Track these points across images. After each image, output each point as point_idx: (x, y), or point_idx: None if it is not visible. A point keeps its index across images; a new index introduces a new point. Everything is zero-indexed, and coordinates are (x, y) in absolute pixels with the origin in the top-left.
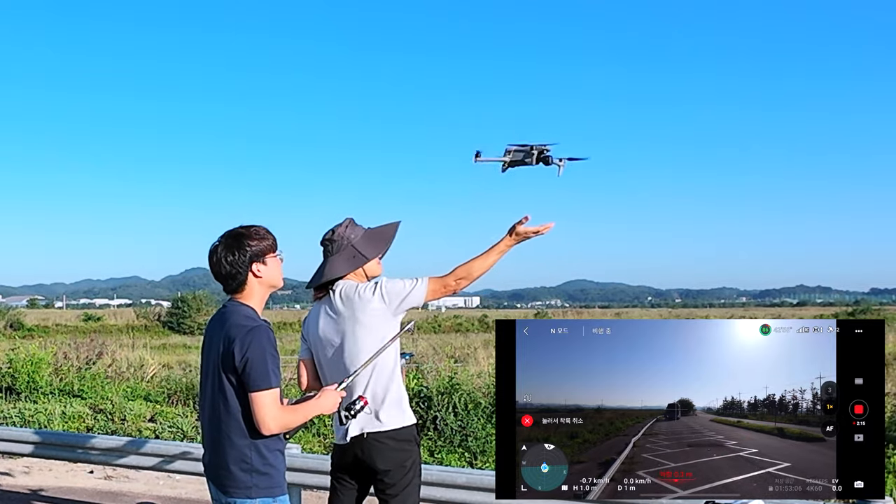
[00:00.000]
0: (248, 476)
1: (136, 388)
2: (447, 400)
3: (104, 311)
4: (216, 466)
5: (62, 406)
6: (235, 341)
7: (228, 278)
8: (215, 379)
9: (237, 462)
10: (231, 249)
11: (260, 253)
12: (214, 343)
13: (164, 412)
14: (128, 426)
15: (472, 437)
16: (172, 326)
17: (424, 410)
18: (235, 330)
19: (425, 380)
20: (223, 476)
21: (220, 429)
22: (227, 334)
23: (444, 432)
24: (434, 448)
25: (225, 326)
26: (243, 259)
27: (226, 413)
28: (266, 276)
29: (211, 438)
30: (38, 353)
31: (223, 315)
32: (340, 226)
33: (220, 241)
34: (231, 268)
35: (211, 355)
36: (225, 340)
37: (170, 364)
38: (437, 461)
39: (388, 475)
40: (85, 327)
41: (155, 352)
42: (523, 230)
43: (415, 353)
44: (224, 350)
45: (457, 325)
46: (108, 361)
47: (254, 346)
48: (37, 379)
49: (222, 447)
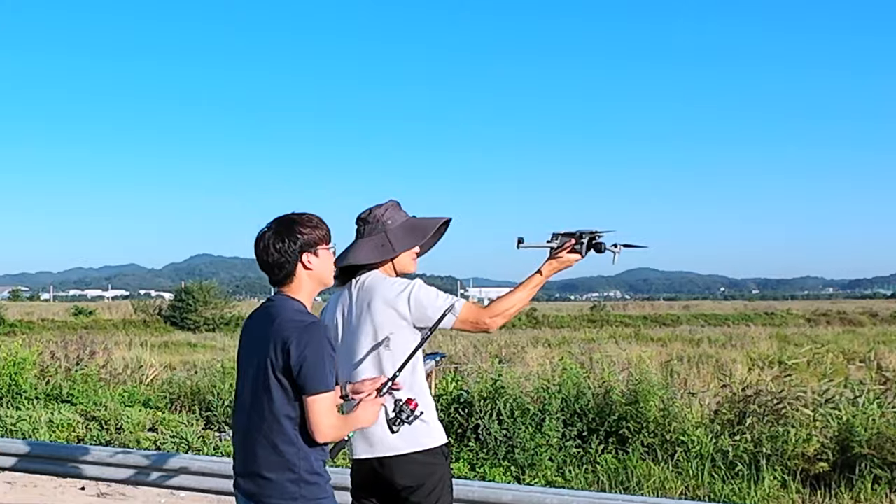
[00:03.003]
0: (295, 486)
1: (134, 393)
2: (490, 406)
3: (97, 304)
4: (254, 476)
5: (49, 413)
6: (291, 339)
7: (275, 267)
8: (261, 380)
9: (283, 471)
10: (280, 236)
11: (312, 243)
12: (260, 340)
13: (165, 420)
14: (124, 436)
15: (520, 448)
16: (175, 321)
17: (464, 418)
18: (289, 327)
19: (465, 383)
20: (263, 486)
21: (263, 435)
22: (280, 331)
23: (487, 443)
24: (475, 461)
25: (275, 322)
26: (293, 248)
27: (272, 418)
28: (317, 269)
29: (249, 446)
30: (22, 353)
31: (271, 310)
32: (380, 207)
33: (269, 226)
34: (279, 256)
35: (255, 354)
36: (277, 338)
37: (172, 365)
38: (480, 476)
39: (412, 493)
40: (75, 322)
41: (155, 351)
42: (568, 258)
43: (447, 354)
44: (276, 349)
45: None
46: (102, 362)
47: (311, 344)
48: (20, 382)
49: (264, 455)
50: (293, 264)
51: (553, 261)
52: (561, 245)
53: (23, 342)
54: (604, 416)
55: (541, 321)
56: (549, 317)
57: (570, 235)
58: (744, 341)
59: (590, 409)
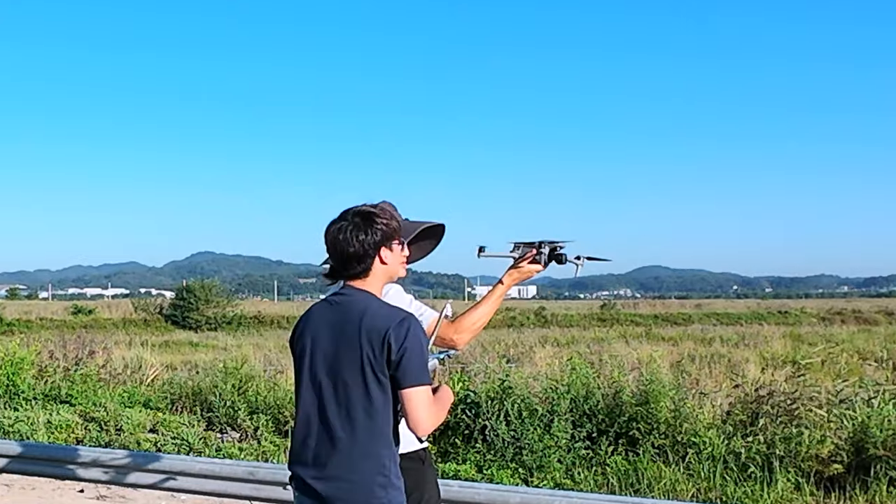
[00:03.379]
0: (384, 491)
1: (134, 393)
2: (498, 406)
3: (97, 303)
4: (336, 480)
5: (47, 414)
6: (389, 333)
7: (355, 260)
8: (354, 378)
9: (373, 475)
10: (362, 228)
11: (389, 236)
12: (345, 337)
13: (166, 421)
14: (124, 437)
15: (528, 449)
16: (176, 320)
17: (472, 419)
18: (384, 320)
19: (472, 383)
20: (347, 492)
21: (353, 436)
22: (375, 326)
23: (495, 444)
24: (482, 462)
25: (365, 317)
26: (375, 240)
27: (367, 418)
28: (391, 264)
29: (330, 446)
30: (20, 352)
31: (351, 304)
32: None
33: (345, 218)
34: (360, 248)
35: (342, 351)
36: (372, 333)
37: (174, 365)
38: (487, 478)
39: None
40: (74, 321)
41: (156, 350)
42: (529, 269)
43: (456, 353)
44: (372, 344)
45: (509, 319)
46: (102, 361)
47: (411, 336)
48: (18, 382)
49: (353, 457)
50: (372, 258)
51: (514, 271)
52: (522, 255)
53: (21, 342)
54: (614, 416)
55: (549, 320)
56: (558, 315)
57: (532, 245)
58: (757, 340)
59: (599, 410)
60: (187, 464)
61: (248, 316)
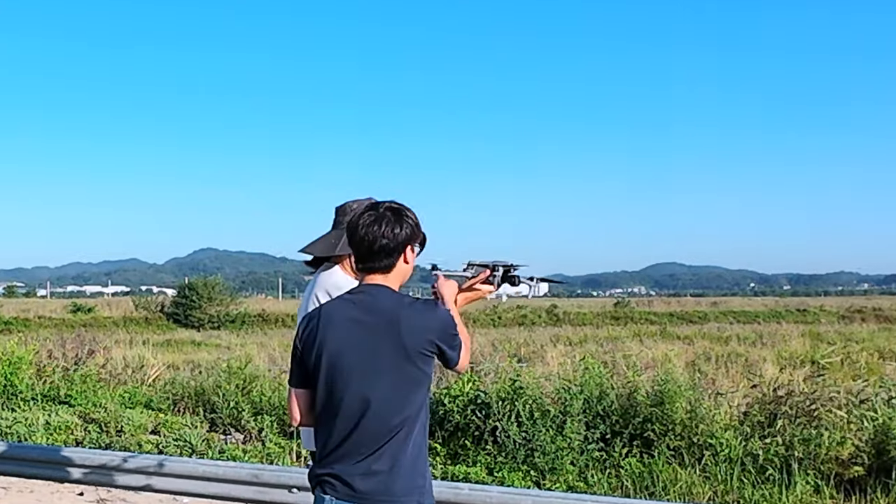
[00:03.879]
0: (424, 484)
1: (135, 394)
2: (509, 407)
3: (96, 301)
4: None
5: (46, 415)
6: (428, 321)
7: (385, 253)
8: (398, 373)
9: (417, 477)
10: (395, 223)
11: (414, 237)
12: (380, 333)
13: (168, 422)
14: (125, 439)
15: (540, 451)
16: (178, 319)
17: (482, 420)
18: (418, 310)
19: (483, 383)
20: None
21: (403, 440)
22: (416, 323)
23: (506, 446)
24: (493, 465)
25: (401, 313)
26: (405, 236)
27: (413, 417)
28: (410, 264)
29: (377, 456)
30: (18, 352)
31: (378, 301)
32: (356, 202)
33: (377, 209)
34: (392, 242)
35: (380, 346)
36: (414, 329)
37: (175, 364)
38: (498, 481)
39: None
40: (73, 320)
41: (157, 349)
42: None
43: None
44: (418, 340)
45: (520, 318)
46: (102, 361)
47: (451, 324)
48: (15, 382)
49: (400, 463)
50: (400, 254)
51: (466, 291)
52: (475, 275)
53: (19, 341)
54: (628, 417)
55: (561, 318)
56: (571, 314)
57: (485, 266)
58: (774, 339)
59: (613, 411)
60: (190, 466)
61: (252, 314)
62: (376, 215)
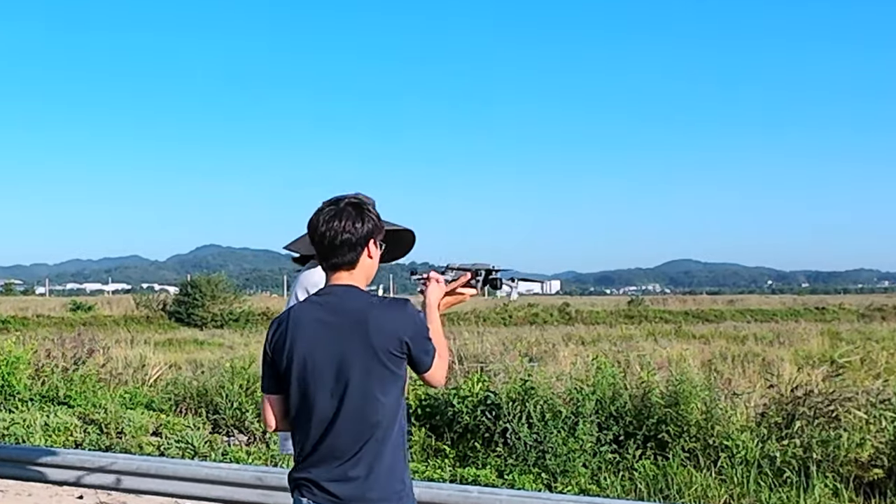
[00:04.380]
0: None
1: (136, 394)
2: (520, 408)
3: (96, 299)
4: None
5: (45, 416)
6: (397, 321)
7: (347, 247)
8: (365, 378)
9: (395, 482)
10: (356, 217)
11: (377, 231)
12: (348, 335)
13: (170, 423)
14: (126, 440)
15: (551, 453)
16: (180, 317)
17: (492, 421)
18: (386, 309)
19: (492, 383)
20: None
21: (379, 444)
22: (384, 324)
23: (516, 448)
24: (503, 467)
25: (369, 313)
26: (367, 230)
27: (389, 420)
28: (374, 260)
29: (353, 462)
30: (15, 351)
31: (345, 301)
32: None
33: (337, 204)
34: (354, 237)
35: (350, 351)
36: (381, 330)
37: (178, 364)
38: (508, 483)
39: None
40: (73, 318)
41: (159, 349)
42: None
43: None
44: (387, 341)
45: (532, 316)
46: (102, 361)
47: (420, 323)
48: (13, 382)
49: (377, 468)
50: (363, 248)
51: (448, 296)
52: (455, 278)
53: (16, 340)
54: (642, 418)
55: (574, 317)
56: (583, 312)
57: (466, 270)
58: (792, 338)
59: (627, 412)
60: (192, 469)
61: (257, 312)
62: (336, 210)
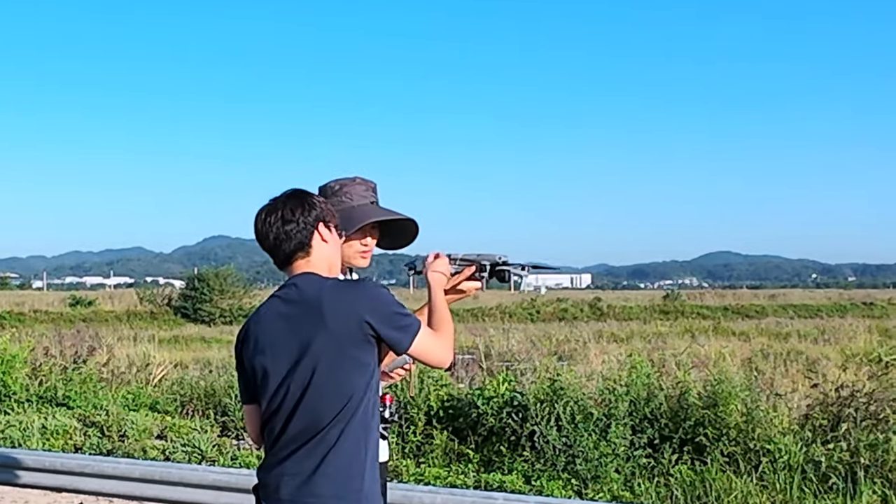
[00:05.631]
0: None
1: (140, 395)
2: (548, 410)
3: (97, 293)
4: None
5: (42, 418)
6: (356, 304)
7: (290, 238)
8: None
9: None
10: (295, 206)
11: (328, 217)
12: (307, 326)
13: (176, 426)
14: (129, 444)
15: (581, 458)
16: (187, 313)
17: (518, 423)
18: (342, 293)
19: (519, 383)
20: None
21: (335, 437)
22: (338, 303)
23: (545, 452)
24: (531, 473)
25: (324, 300)
26: (310, 216)
27: (349, 412)
28: (331, 244)
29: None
30: (11, 349)
31: (303, 291)
32: (339, 182)
33: (276, 199)
34: (297, 223)
35: (306, 336)
36: (340, 312)
37: (184, 363)
38: (536, 490)
39: None
40: (72, 314)
41: (164, 347)
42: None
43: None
44: (344, 316)
45: (561, 312)
46: (103, 359)
47: (378, 297)
48: (9, 382)
49: (330, 463)
50: (310, 233)
51: (447, 293)
52: (458, 271)
53: (12, 337)
54: (678, 421)
55: (606, 312)
56: (616, 307)
57: (470, 262)
58: (838, 335)
59: (662, 414)
60: (199, 474)
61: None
62: (272, 205)
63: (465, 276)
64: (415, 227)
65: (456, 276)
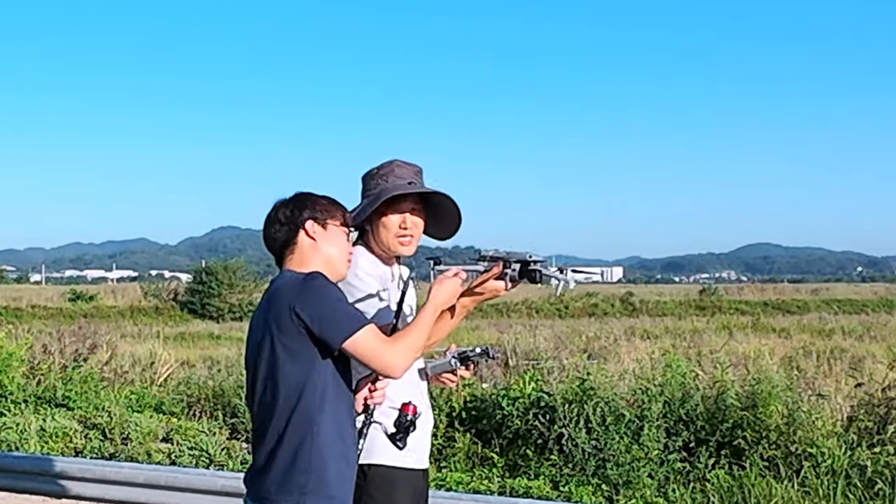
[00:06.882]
0: (302, 479)
1: (144, 395)
2: (577, 411)
3: (99, 287)
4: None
5: (40, 419)
6: (294, 298)
7: (280, 237)
8: (268, 357)
9: (298, 474)
10: (287, 206)
11: (321, 215)
12: (262, 321)
13: (182, 428)
14: (132, 447)
15: (612, 462)
16: (194, 308)
17: (545, 426)
18: (287, 288)
19: (546, 383)
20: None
21: (280, 431)
22: (280, 298)
23: (573, 456)
24: (559, 477)
25: (274, 295)
26: (298, 214)
27: (289, 403)
28: (321, 242)
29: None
30: (7, 346)
31: (275, 283)
32: (380, 166)
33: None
34: (285, 224)
35: (261, 329)
36: (280, 306)
37: (191, 361)
38: (564, 496)
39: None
40: (72, 309)
41: (170, 344)
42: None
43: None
44: (279, 321)
45: (590, 307)
46: (105, 357)
47: (315, 292)
48: (5, 382)
49: (276, 458)
50: (294, 231)
51: (465, 296)
52: (488, 269)
53: (8, 334)
54: (715, 423)
55: (638, 308)
56: (649, 303)
57: (498, 259)
58: (885, 332)
59: (698, 415)
60: (207, 479)
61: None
62: (270, 212)
63: (492, 275)
64: (455, 209)
65: (484, 274)
